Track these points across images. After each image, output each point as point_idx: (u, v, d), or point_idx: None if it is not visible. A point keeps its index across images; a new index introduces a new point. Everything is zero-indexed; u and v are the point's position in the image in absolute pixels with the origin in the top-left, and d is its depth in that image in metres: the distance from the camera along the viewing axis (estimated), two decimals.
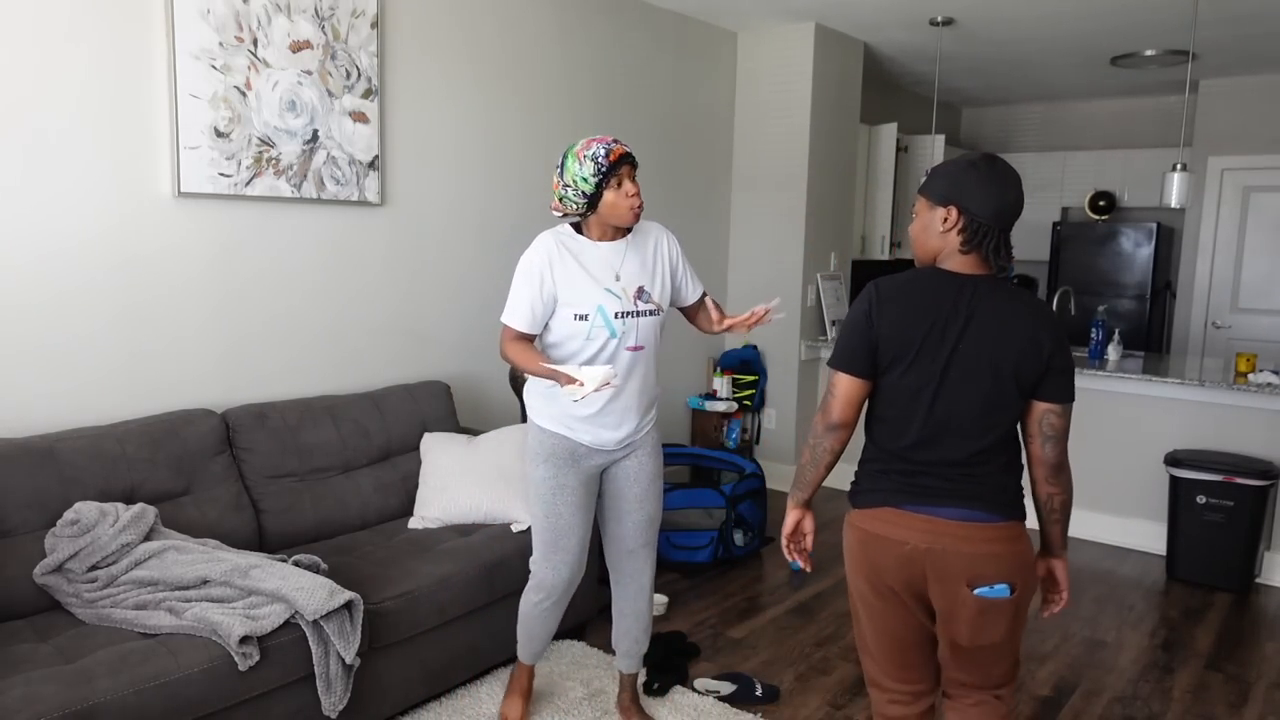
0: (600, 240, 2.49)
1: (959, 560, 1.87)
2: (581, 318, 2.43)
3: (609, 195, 2.40)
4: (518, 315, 2.44)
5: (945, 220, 1.91)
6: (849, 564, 2.03)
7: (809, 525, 2.10)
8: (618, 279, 2.47)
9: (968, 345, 1.88)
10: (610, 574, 2.76)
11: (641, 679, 3.08)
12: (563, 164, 2.41)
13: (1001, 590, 1.86)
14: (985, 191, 1.88)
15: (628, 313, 2.47)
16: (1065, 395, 1.91)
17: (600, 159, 2.36)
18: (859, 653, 2.12)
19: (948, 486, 1.90)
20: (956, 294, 1.89)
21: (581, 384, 2.23)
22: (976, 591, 1.86)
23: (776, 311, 2.41)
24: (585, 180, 2.37)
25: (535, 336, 2.47)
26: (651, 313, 2.52)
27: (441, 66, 3.81)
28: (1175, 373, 4.48)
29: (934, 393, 1.90)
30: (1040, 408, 1.91)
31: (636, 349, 2.50)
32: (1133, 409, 4.59)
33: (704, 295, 2.73)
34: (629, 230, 2.52)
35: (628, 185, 2.41)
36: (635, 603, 2.73)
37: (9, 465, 2.49)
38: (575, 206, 2.43)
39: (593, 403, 2.45)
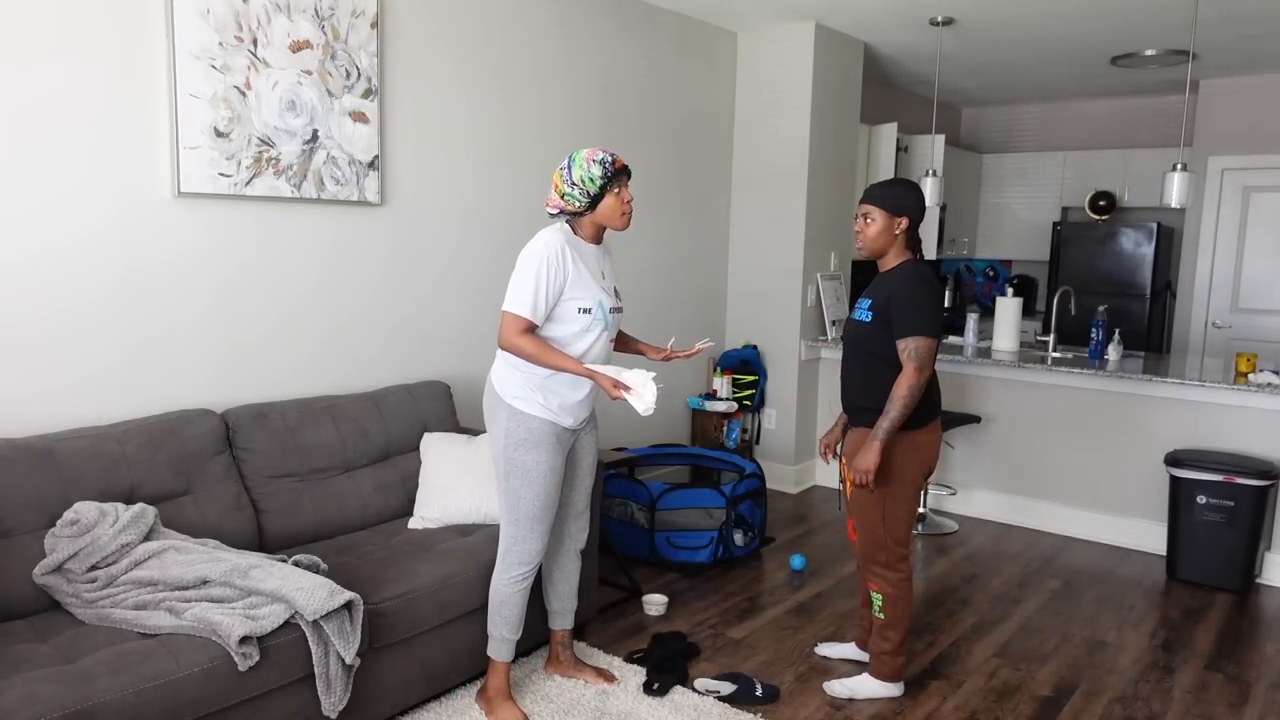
0: (589, 242, 2.75)
1: None
2: (585, 311, 2.67)
3: (609, 199, 2.67)
4: (527, 303, 2.58)
5: (899, 225, 2.88)
6: (913, 465, 2.89)
7: None
8: (604, 276, 2.78)
9: None
10: (553, 540, 2.99)
11: (642, 677, 3.09)
12: (570, 166, 2.65)
13: None
14: (919, 203, 2.88)
15: (614, 309, 2.78)
16: None
17: (608, 165, 2.64)
18: (897, 541, 2.95)
19: None
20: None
21: (629, 389, 2.52)
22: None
23: (704, 342, 2.86)
24: (593, 181, 2.63)
25: (535, 328, 2.63)
26: (622, 309, 2.87)
27: (441, 66, 3.81)
28: (1175, 373, 4.48)
29: None
30: None
31: (612, 340, 2.83)
32: (1133, 409, 4.59)
33: None
34: (602, 238, 2.82)
35: (625, 193, 2.69)
36: (573, 563, 3.03)
37: (9, 465, 2.49)
38: (577, 204, 2.66)
39: (588, 382, 2.69)
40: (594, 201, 2.65)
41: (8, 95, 2.61)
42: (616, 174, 2.65)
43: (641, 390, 2.52)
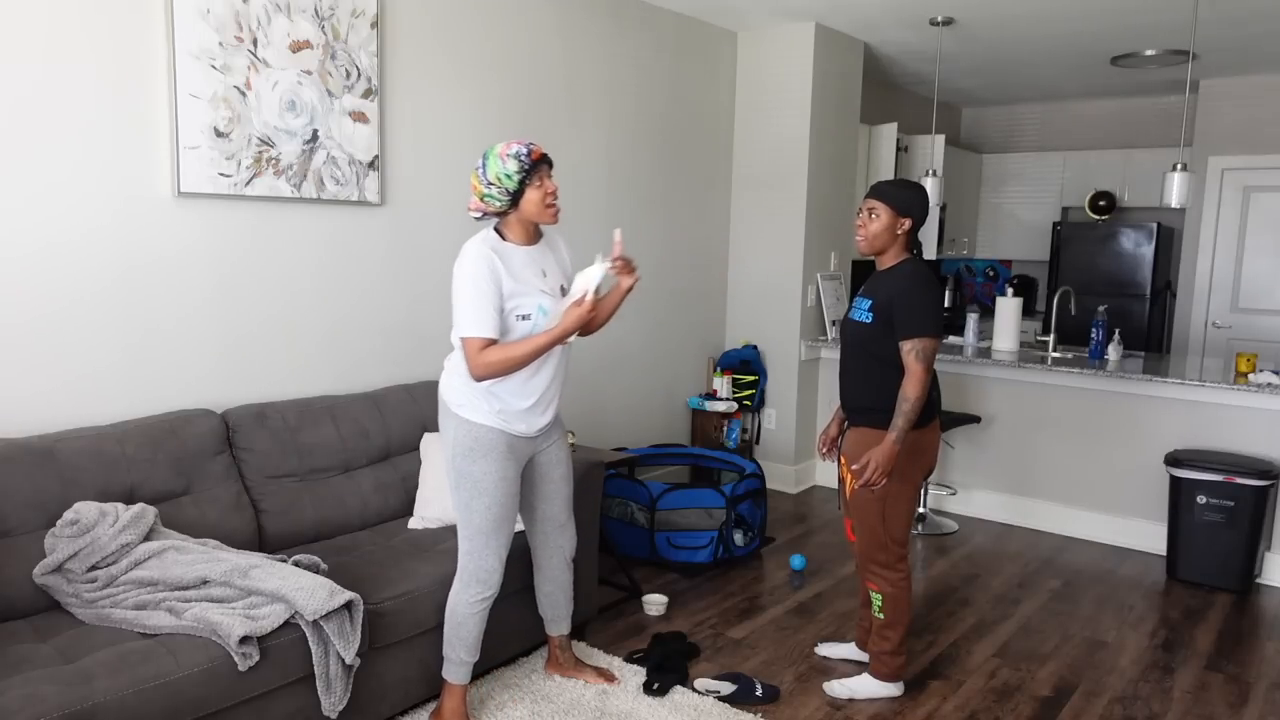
0: (521, 243, 2.60)
1: None
2: (525, 318, 2.55)
3: (531, 193, 2.53)
4: (477, 322, 2.47)
5: (902, 226, 2.87)
6: (914, 464, 2.89)
7: None
8: (544, 275, 2.62)
9: None
10: (537, 551, 2.93)
11: (642, 677, 3.09)
12: (484, 164, 2.51)
13: None
14: (924, 209, 2.87)
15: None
16: None
17: (523, 157, 2.49)
18: (896, 541, 2.94)
19: None
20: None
21: (587, 293, 2.45)
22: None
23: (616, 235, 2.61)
24: (509, 177, 2.49)
25: (494, 342, 2.51)
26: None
27: (441, 66, 3.81)
28: (1175, 373, 4.48)
29: None
30: None
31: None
32: (1133, 409, 4.59)
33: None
34: (540, 235, 2.68)
35: (548, 184, 2.54)
36: (563, 573, 2.97)
37: (9, 465, 2.49)
38: (498, 204, 2.53)
39: (537, 389, 2.59)
40: (515, 198, 2.51)
41: (8, 94, 2.61)
42: (534, 165, 2.49)
43: (587, 282, 2.46)
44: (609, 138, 4.70)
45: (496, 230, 2.60)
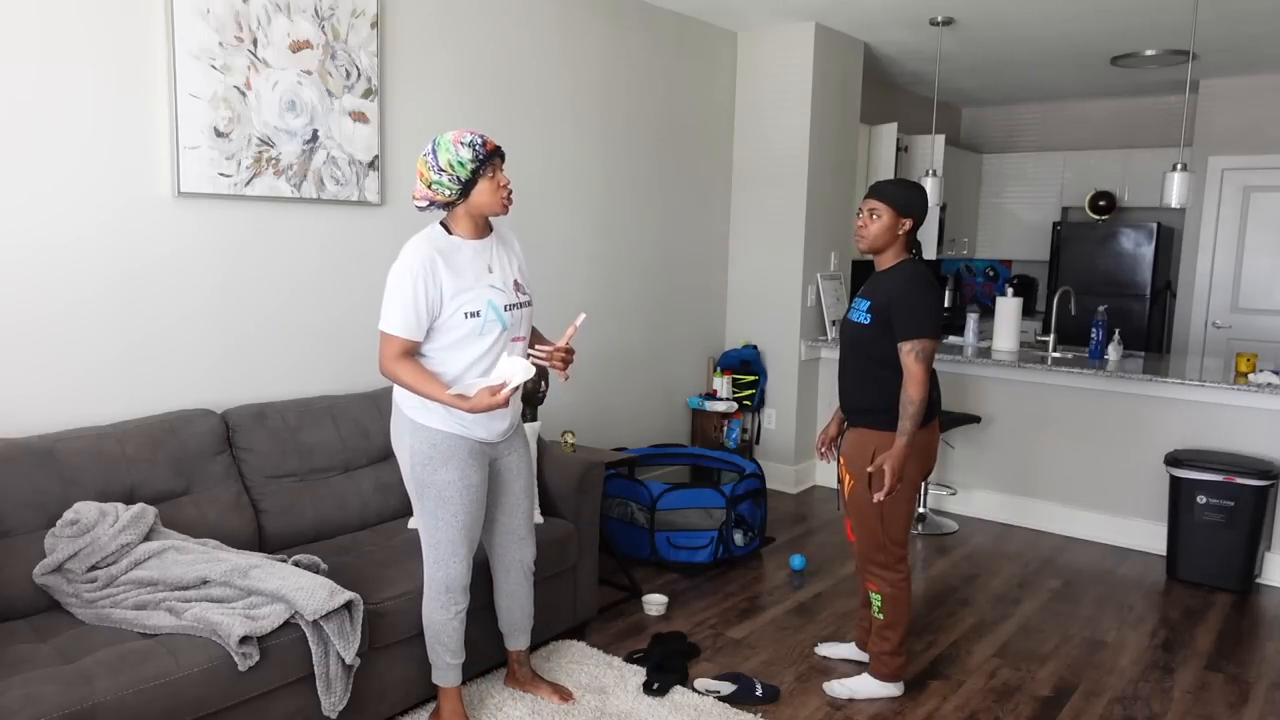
0: (469, 238, 2.52)
1: None
2: (473, 314, 2.46)
3: (483, 184, 2.44)
4: (400, 321, 2.39)
5: (903, 226, 2.87)
6: (913, 465, 2.87)
7: None
8: (490, 271, 2.54)
9: None
10: (494, 564, 2.83)
11: (642, 676, 3.09)
12: (434, 151, 2.41)
13: None
14: (924, 208, 2.88)
15: (513, 305, 2.56)
16: None
17: (477, 146, 2.41)
18: (895, 542, 2.95)
19: None
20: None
21: (505, 383, 2.32)
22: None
23: (579, 319, 2.51)
24: (463, 165, 2.40)
25: (418, 347, 2.46)
26: (529, 303, 2.64)
27: (441, 66, 3.81)
28: (1176, 373, 4.48)
29: None
30: None
31: (520, 339, 2.59)
32: (1133, 409, 4.59)
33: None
34: (491, 229, 2.59)
35: (500, 176, 2.47)
36: (523, 585, 2.85)
37: (9, 465, 2.49)
38: (447, 193, 2.44)
39: (515, 372, 2.39)
40: (466, 188, 2.42)
41: (7, 94, 2.61)
42: (489, 156, 2.41)
43: (511, 373, 2.33)
44: (608, 137, 4.70)
45: (443, 225, 2.52)
